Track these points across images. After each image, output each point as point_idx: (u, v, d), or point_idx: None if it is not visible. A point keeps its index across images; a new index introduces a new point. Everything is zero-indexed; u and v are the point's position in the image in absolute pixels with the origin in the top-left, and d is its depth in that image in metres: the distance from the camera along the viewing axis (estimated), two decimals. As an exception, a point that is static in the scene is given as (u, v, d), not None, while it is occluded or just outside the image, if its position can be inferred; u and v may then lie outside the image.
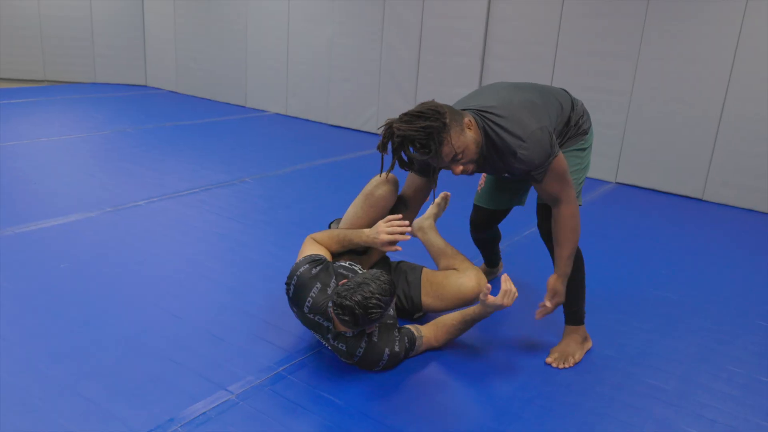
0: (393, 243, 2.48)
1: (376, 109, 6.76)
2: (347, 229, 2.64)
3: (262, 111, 7.74)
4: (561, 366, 2.52)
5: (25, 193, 4.18)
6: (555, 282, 2.46)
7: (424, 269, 2.75)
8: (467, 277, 2.60)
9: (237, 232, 3.74)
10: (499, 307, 2.37)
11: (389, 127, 2.21)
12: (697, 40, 4.85)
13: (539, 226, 2.59)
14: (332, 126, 7.13)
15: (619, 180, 5.43)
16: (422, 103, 2.22)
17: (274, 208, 4.22)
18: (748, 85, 4.70)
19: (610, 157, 5.41)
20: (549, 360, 2.55)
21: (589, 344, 2.65)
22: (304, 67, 7.24)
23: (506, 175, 2.47)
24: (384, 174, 2.49)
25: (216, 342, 2.56)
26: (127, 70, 9.00)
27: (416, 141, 2.15)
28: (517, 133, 2.24)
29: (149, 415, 2.09)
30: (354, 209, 2.66)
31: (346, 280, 2.32)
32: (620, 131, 5.32)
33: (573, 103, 2.56)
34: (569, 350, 2.57)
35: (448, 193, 3.15)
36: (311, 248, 2.59)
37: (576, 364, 2.54)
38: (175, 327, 2.65)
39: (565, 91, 2.60)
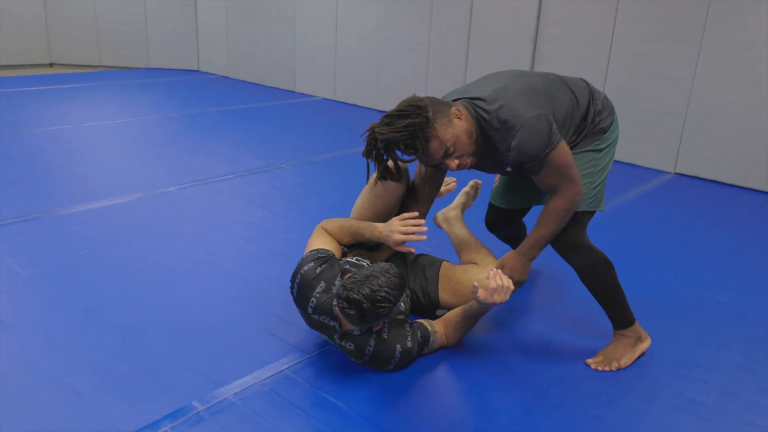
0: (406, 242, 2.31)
1: (425, 94, 6.53)
2: (360, 220, 2.48)
3: (311, 96, 7.64)
4: (600, 368, 2.32)
5: (56, 178, 4.19)
6: (508, 257, 2.32)
7: (444, 263, 2.56)
8: (486, 273, 2.39)
9: (262, 221, 3.63)
10: (495, 304, 2.17)
11: (371, 132, 2.06)
12: (765, 22, 4.45)
13: None
14: (381, 111, 6.96)
15: (679, 170, 5.08)
16: (402, 101, 2.08)
17: (306, 196, 4.09)
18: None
19: (668, 147, 5.07)
20: (590, 361, 2.35)
21: (644, 344, 2.40)
22: (353, 52, 7.10)
23: (508, 169, 2.24)
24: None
25: (220, 335, 2.45)
26: (179, 55, 9.06)
27: (400, 142, 2.02)
28: (510, 122, 2.05)
29: (138, 412, 1.99)
30: (361, 200, 2.50)
31: (351, 274, 2.16)
32: (680, 119, 4.97)
33: (591, 94, 2.31)
34: (615, 354, 2.35)
35: (479, 181, 2.93)
36: (319, 240, 2.43)
37: (620, 368, 2.33)
38: (180, 318, 2.55)
39: (584, 81, 2.36)
